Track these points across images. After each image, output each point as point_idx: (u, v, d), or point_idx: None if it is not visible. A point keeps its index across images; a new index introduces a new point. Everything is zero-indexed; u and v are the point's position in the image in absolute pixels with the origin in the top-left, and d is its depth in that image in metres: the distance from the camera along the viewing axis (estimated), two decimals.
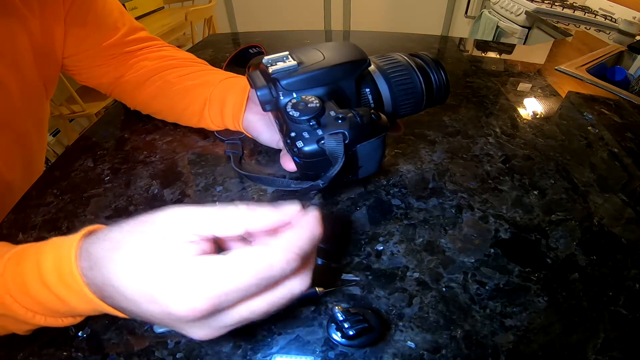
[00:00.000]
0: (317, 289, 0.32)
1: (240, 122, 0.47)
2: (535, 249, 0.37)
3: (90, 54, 0.51)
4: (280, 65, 0.31)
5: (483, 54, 0.89)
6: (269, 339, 0.29)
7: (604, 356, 0.28)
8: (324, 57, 0.32)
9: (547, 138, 0.54)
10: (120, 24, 0.52)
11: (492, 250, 0.36)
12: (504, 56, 0.88)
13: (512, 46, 0.98)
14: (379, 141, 0.32)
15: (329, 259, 0.35)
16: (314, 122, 0.29)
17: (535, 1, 1.41)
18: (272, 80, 0.32)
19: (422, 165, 0.47)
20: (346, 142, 0.29)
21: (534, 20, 1.35)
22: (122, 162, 0.49)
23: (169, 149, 0.51)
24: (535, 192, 0.44)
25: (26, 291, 0.24)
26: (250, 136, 0.48)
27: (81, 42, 0.50)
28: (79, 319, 0.27)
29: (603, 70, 0.92)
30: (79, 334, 0.30)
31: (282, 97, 0.31)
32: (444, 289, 0.33)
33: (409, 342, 0.29)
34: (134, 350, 0.29)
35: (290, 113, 0.29)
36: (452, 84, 0.70)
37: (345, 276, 0.34)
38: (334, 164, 0.29)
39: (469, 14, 2.24)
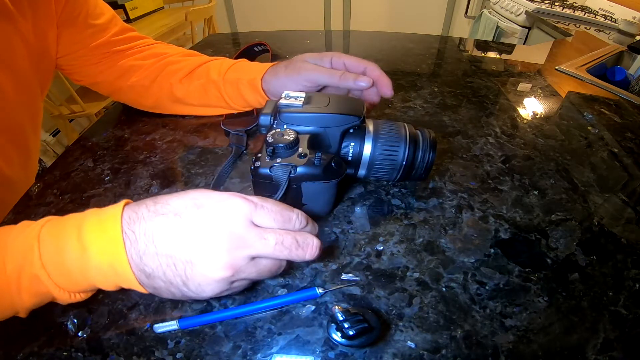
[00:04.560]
0: (317, 289, 0.32)
1: (259, 84, 0.50)
2: (535, 249, 0.37)
3: (82, 53, 0.52)
4: (290, 101, 0.36)
5: (483, 54, 0.89)
6: (269, 339, 0.29)
7: (604, 356, 0.28)
8: (326, 106, 0.36)
9: (547, 138, 0.54)
10: (112, 25, 0.54)
11: (492, 250, 0.36)
12: (504, 56, 0.88)
13: (512, 46, 0.98)
14: (326, 185, 0.34)
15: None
16: (279, 151, 0.32)
17: (535, 1, 1.40)
18: (276, 110, 0.36)
19: None
20: (291, 175, 0.32)
21: (534, 20, 1.35)
22: (122, 162, 0.49)
23: (169, 149, 0.51)
24: (535, 192, 0.44)
25: (57, 246, 0.25)
26: (269, 98, 0.50)
27: (73, 43, 0.51)
28: (84, 295, 0.28)
29: (603, 70, 0.92)
30: (79, 334, 0.30)
31: (275, 126, 0.36)
32: (444, 289, 0.33)
33: (409, 342, 0.29)
34: (134, 350, 0.29)
35: (267, 138, 0.33)
36: (452, 84, 0.71)
37: (345, 276, 0.34)
38: (278, 191, 0.32)
39: (469, 14, 2.24)
